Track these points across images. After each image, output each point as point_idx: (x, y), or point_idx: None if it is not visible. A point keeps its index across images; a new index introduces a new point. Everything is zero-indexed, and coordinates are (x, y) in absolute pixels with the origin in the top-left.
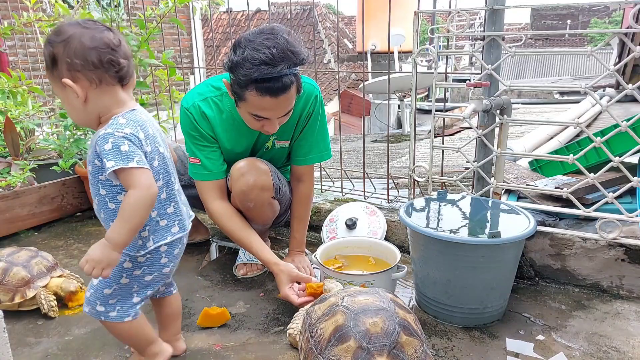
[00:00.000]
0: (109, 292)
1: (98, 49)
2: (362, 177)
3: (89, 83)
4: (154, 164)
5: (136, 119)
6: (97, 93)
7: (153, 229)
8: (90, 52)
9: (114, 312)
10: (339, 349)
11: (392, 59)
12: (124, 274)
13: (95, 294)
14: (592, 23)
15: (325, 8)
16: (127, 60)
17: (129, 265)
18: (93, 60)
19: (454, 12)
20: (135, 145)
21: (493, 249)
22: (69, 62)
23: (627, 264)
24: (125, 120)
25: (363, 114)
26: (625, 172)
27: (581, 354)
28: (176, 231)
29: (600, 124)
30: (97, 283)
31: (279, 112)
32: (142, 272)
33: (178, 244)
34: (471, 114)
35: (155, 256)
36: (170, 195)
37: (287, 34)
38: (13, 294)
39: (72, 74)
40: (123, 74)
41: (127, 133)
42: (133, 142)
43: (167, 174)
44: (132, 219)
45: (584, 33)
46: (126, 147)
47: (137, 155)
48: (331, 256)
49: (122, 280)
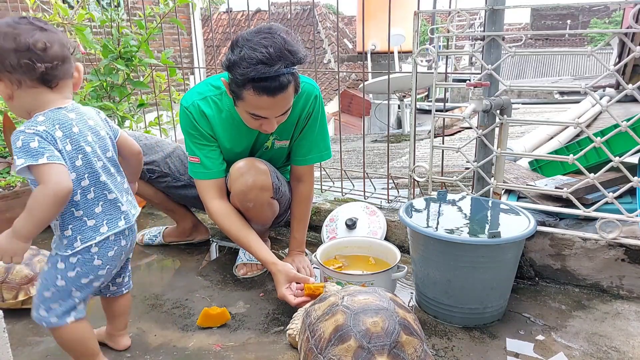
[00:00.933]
0: (49, 296)
1: (16, 51)
2: (362, 177)
3: (10, 84)
4: (76, 163)
5: (58, 117)
6: (20, 93)
7: (79, 228)
8: (8, 54)
9: (55, 317)
10: (339, 348)
11: (392, 59)
12: (59, 275)
13: (38, 297)
14: (592, 23)
15: (325, 8)
16: (54, 64)
17: (61, 266)
18: (10, 62)
19: (454, 12)
20: (46, 141)
21: (493, 249)
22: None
23: (627, 264)
24: (44, 118)
25: (363, 114)
26: (625, 172)
27: (581, 354)
28: (105, 231)
29: (600, 124)
30: (38, 287)
31: (277, 111)
32: (76, 274)
33: (112, 246)
34: (471, 114)
35: (87, 257)
36: (99, 195)
37: (285, 33)
38: (17, 291)
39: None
40: (48, 77)
41: (38, 130)
42: (44, 138)
43: (95, 173)
44: (36, 213)
45: (584, 33)
46: (36, 144)
47: (47, 151)
48: (331, 256)
49: (58, 282)
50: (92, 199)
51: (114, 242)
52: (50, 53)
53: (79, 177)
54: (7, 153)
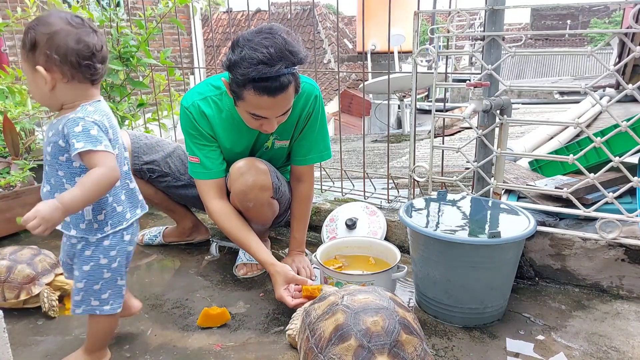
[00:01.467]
0: (98, 288)
1: (80, 52)
2: (362, 177)
3: (61, 76)
4: (114, 152)
5: (103, 109)
6: (66, 87)
7: (110, 214)
8: (72, 52)
9: (108, 305)
10: (339, 347)
11: (392, 59)
12: (104, 270)
13: (86, 293)
14: (592, 23)
15: (325, 8)
16: (103, 65)
17: (104, 261)
18: (72, 60)
19: (454, 12)
20: (102, 131)
21: (493, 249)
22: (48, 54)
23: (627, 264)
24: (94, 109)
25: (363, 114)
26: (625, 172)
27: (581, 354)
28: (129, 217)
29: (600, 124)
30: (83, 285)
31: (277, 111)
32: (118, 264)
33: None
34: (471, 114)
35: (122, 245)
36: (123, 183)
37: (286, 34)
38: (18, 291)
39: (48, 64)
40: (96, 77)
41: (96, 119)
42: (101, 128)
43: (124, 162)
44: (91, 191)
45: (584, 33)
46: (95, 132)
47: (104, 141)
48: (331, 256)
49: (104, 275)
50: (118, 187)
51: (135, 228)
52: (101, 55)
53: (119, 164)
54: (7, 153)
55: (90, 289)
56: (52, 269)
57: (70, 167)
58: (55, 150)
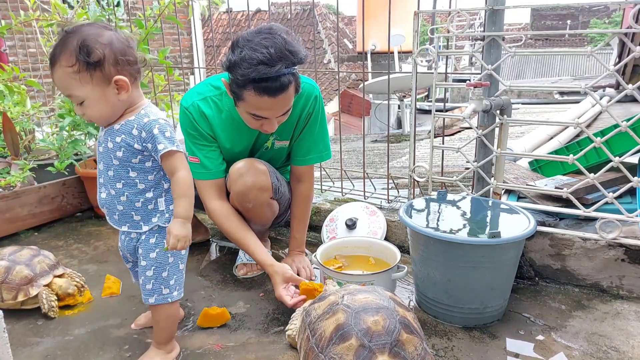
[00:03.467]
0: (166, 275)
1: (131, 48)
2: (362, 177)
3: (129, 77)
4: None
5: (157, 110)
6: (132, 88)
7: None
8: (129, 51)
9: (176, 291)
10: (340, 347)
11: (392, 59)
12: (169, 254)
13: (156, 281)
14: (592, 23)
15: (325, 8)
16: None
17: None
18: (130, 58)
19: (454, 12)
20: (172, 131)
21: (493, 249)
22: (117, 61)
23: (627, 264)
24: (155, 110)
25: (363, 114)
26: (625, 172)
27: (581, 354)
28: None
29: (600, 124)
30: (152, 273)
31: (278, 111)
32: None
33: None
34: (471, 114)
35: None
36: None
37: (285, 34)
38: (16, 292)
39: (120, 71)
40: (140, 70)
41: (166, 120)
42: (171, 128)
43: None
44: (191, 194)
45: (584, 33)
46: (169, 133)
47: (177, 140)
48: (331, 256)
49: (169, 260)
50: None
51: None
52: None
53: None
54: (7, 153)
55: (160, 276)
56: (50, 270)
57: (143, 167)
58: (128, 154)
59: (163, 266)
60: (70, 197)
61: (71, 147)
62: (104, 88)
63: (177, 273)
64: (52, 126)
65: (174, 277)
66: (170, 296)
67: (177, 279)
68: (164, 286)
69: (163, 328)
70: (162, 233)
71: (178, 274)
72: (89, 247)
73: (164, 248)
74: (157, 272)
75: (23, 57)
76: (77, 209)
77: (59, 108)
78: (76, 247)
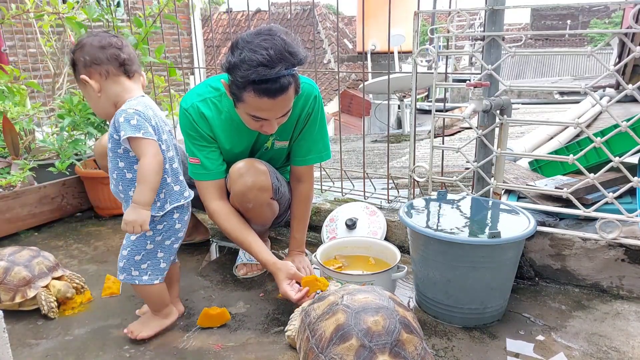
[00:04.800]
0: (139, 258)
1: (102, 48)
2: (362, 177)
3: (99, 76)
4: (163, 136)
5: (145, 101)
6: (109, 83)
7: (169, 193)
8: (97, 51)
9: (146, 275)
10: (341, 347)
11: (392, 59)
12: (148, 241)
13: (128, 262)
14: (592, 23)
15: (325, 8)
16: (130, 56)
17: (150, 233)
18: (99, 56)
19: (454, 12)
20: (143, 119)
21: (493, 249)
22: (82, 61)
23: (627, 264)
24: (137, 102)
25: (363, 114)
26: (625, 172)
27: (581, 354)
28: (187, 195)
29: (601, 124)
30: (127, 253)
31: (277, 112)
32: (162, 238)
33: (187, 211)
34: (471, 114)
35: (170, 222)
36: (177, 166)
37: (285, 35)
38: (14, 293)
39: (87, 70)
40: (127, 68)
41: (137, 109)
42: (141, 117)
43: (175, 147)
44: (150, 179)
45: (584, 33)
46: (135, 121)
47: (143, 128)
48: (331, 256)
49: (147, 246)
50: (176, 168)
51: (187, 208)
52: (126, 49)
53: (167, 148)
54: (7, 153)
55: (132, 258)
56: (49, 272)
57: (129, 157)
58: (113, 145)
59: (138, 250)
60: (70, 197)
61: (71, 147)
62: (84, 86)
63: (152, 259)
64: (52, 126)
65: (147, 262)
66: (139, 278)
67: (151, 264)
68: (134, 268)
69: (148, 302)
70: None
71: (153, 260)
72: (89, 247)
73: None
74: (131, 253)
75: (23, 57)
76: (77, 209)
77: (58, 108)
78: (76, 247)
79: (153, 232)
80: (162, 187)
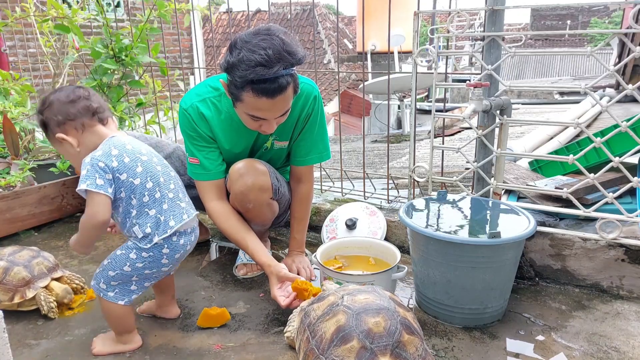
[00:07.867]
0: (113, 275)
1: (73, 102)
2: (362, 177)
3: (75, 131)
4: (136, 170)
5: (112, 141)
6: (86, 135)
7: (154, 225)
8: (68, 105)
9: (112, 292)
10: (342, 349)
11: (392, 59)
12: (128, 262)
13: (102, 272)
14: (592, 23)
15: (325, 8)
16: (100, 105)
17: (133, 256)
18: (71, 111)
19: (454, 12)
20: (94, 169)
21: (493, 249)
22: (55, 120)
23: (627, 264)
24: (101, 150)
25: (363, 114)
26: (625, 172)
27: (581, 354)
28: (173, 225)
29: (600, 124)
30: (106, 264)
31: (276, 112)
32: (143, 266)
33: (180, 249)
34: (471, 114)
35: (157, 255)
36: (164, 194)
37: (283, 34)
38: (13, 293)
39: (62, 128)
40: (100, 116)
41: (94, 156)
42: (94, 165)
43: (155, 176)
44: (81, 234)
45: (584, 33)
46: (85, 171)
47: (89, 179)
48: (331, 256)
49: (125, 267)
50: (159, 198)
51: (181, 246)
52: (94, 98)
53: (142, 181)
54: (7, 153)
55: (106, 270)
56: (48, 272)
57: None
58: None
59: (115, 267)
60: (70, 197)
61: None
62: (60, 144)
63: (124, 279)
64: None
65: (119, 281)
66: (104, 292)
67: (121, 284)
68: (104, 281)
69: (108, 321)
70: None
71: (126, 285)
72: None
73: None
74: (108, 266)
75: (23, 57)
76: (77, 209)
77: None
78: None
79: (136, 257)
80: (147, 222)
